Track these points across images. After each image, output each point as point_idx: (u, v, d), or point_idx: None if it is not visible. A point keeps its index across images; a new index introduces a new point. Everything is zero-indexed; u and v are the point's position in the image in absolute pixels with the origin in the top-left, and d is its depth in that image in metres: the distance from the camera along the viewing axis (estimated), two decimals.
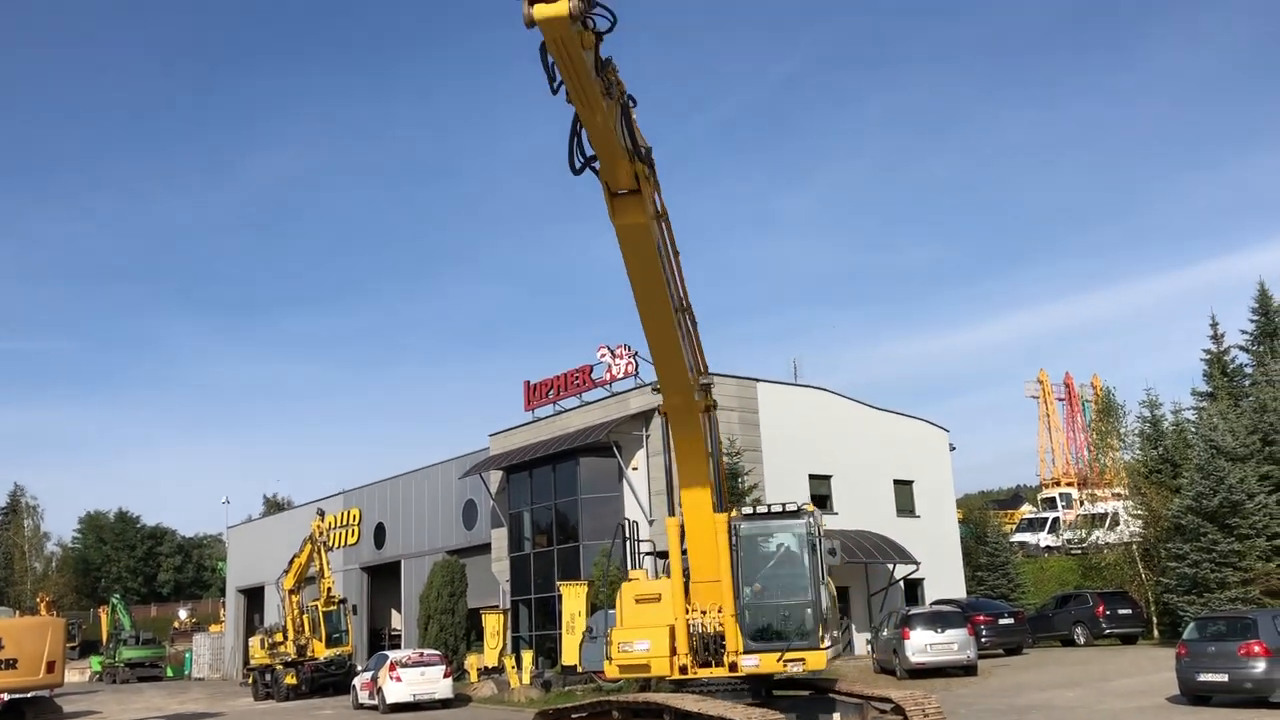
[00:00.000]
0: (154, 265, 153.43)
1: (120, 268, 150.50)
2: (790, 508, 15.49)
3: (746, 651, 14.49)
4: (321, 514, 40.79)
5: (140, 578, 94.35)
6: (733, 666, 14.36)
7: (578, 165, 9.76)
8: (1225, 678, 18.35)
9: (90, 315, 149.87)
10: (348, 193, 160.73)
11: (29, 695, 21.64)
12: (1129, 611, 33.55)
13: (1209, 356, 42.91)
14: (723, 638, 14.34)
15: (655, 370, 13.46)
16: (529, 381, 38.80)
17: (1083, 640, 33.44)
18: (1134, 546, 36.69)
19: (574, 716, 15.49)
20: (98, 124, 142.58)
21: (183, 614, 79.91)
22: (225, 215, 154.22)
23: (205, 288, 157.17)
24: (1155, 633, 33.75)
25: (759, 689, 14.91)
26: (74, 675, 56.78)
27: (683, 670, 14.37)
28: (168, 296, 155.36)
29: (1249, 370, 41.04)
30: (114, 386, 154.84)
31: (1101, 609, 33.25)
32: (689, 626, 14.48)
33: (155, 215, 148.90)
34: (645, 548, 21.65)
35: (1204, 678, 18.73)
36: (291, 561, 39.08)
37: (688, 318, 13.87)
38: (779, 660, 14.41)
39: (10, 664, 19.14)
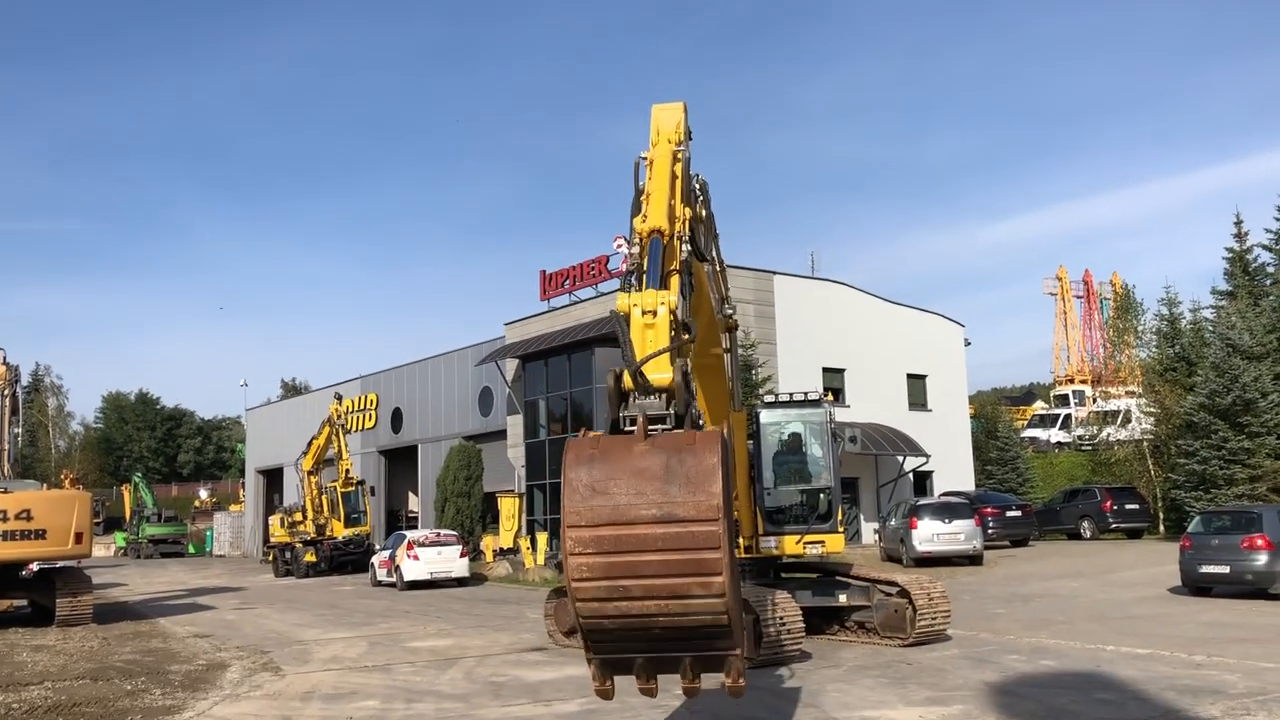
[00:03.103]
0: (171, 147, 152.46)
1: (136, 150, 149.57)
2: (812, 396, 15.65)
3: (766, 534, 14.77)
4: (339, 398, 41.26)
5: (161, 458, 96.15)
6: (749, 549, 14.66)
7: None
8: (1227, 569, 18.69)
9: (108, 199, 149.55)
10: (365, 77, 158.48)
11: (58, 565, 22.27)
12: (1136, 507, 33.93)
13: (1231, 255, 42.54)
14: (736, 521, 14.57)
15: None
16: (545, 271, 38.79)
17: (1089, 534, 33.90)
18: (1144, 443, 36.94)
19: None
20: (115, 3, 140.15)
21: (203, 494, 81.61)
22: (242, 97, 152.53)
23: (221, 172, 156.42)
24: (1161, 528, 34.19)
25: (767, 570, 15.26)
26: (99, 550, 58.06)
27: None
28: (185, 179, 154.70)
29: (1271, 269, 40.73)
30: (133, 269, 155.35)
31: (1109, 504, 33.63)
32: None
33: (172, 97, 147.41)
34: None
35: (1206, 569, 19.07)
36: (310, 443, 39.67)
37: (718, 265, 13.39)
38: (798, 543, 14.71)
39: (39, 534, 19.63)
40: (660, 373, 7.08)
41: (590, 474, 6.28)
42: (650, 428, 6.54)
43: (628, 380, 6.84)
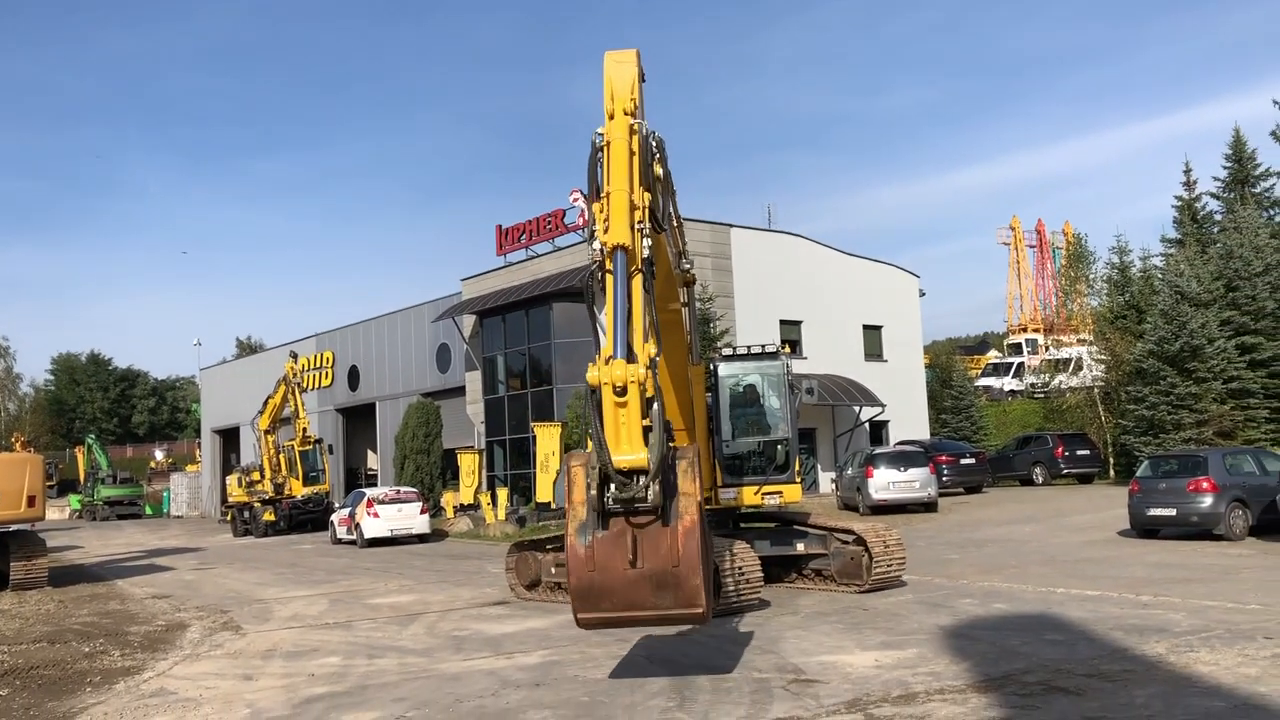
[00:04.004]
0: (119, 104, 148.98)
1: (83, 107, 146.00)
2: (769, 349, 15.73)
3: (724, 486, 14.86)
4: (295, 356, 40.87)
5: (115, 419, 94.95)
6: (708, 500, 14.73)
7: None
8: (1174, 512, 19.14)
9: (55, 157, 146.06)
10: (317, 31, 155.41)
11: (11, 529, 21.99)
12: (1087, 452, 34.52)
13: (1180, 203, 43.20)
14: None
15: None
16: (501, 226, 38.54)
17: (1041, 480, 34.47)
18: (1095, 390, 37.54)
19: (548, 548, 15.96)
20: None
21: (158, 454, 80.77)
22: (189, 52, 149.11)
23: (171, 128, 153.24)
24: (1111, 473, 34.85)
25: (726, 521, 15.39)
26: (54, 513, 57.67)
27: None
28: (134, 137, 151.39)
29: (1219, 217, 41.35)
30: (81, 228, 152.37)
31: (1060, 450, 34.19)
32: None
33: (118, 53, 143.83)
34: None
35: (1153, 512, 19.52)
36: (266, 402, 39.34)
37: (674, 221, 13.39)
38: (756, 493, 14.83)
39: None
40: (634, 455, 8.07)
41: (590, 586, 8.00)
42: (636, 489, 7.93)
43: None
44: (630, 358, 8.26)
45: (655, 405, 8.20)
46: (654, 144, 10.29)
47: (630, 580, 7.86)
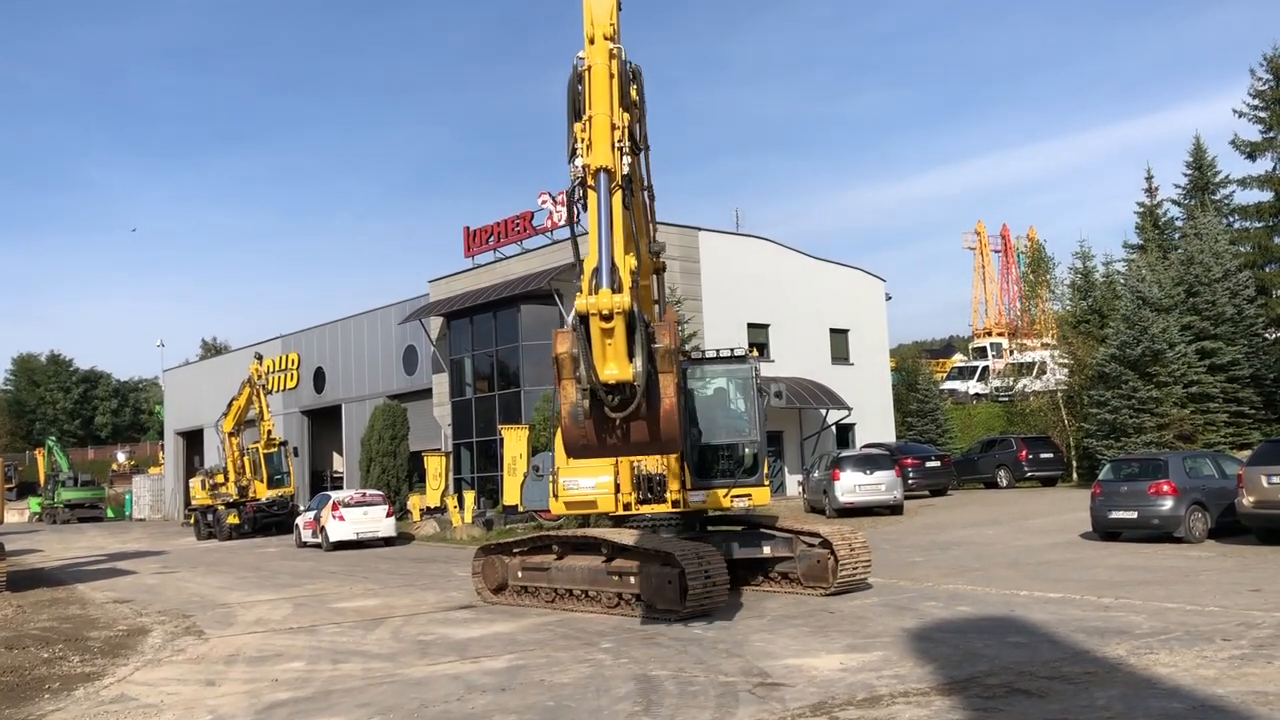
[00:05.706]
0: (78, 101, 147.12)
1: (41, 103, 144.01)
2: (738, 352, 15.77)
3: (693, 488, 14.86)
4: (259, 358, 40.50)
5: (77, 420, 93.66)
6: (676, 503, 14.73)
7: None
8: (1135, 515, 19.34)
9: (12, 153, 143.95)
10: (281, 26, 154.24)
11: None
12: (1050, 455, 34.81)
13: (1142, 209, 43.78)
14: (663, 476, 14.65)
15: None
16: (469, 227, 38.40)
17: (1005, 483, 34.74)
18: (1059, 394, 37.90)
19: (515, 551, 15.93)
20: None
21: (121, 456, 79.74)
22: (151, 47, 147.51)
23: (133, 125, 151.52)
24: (1074, 475, 35.16)
25: (693, 524, 15.41)
26: (13, 516, 56.75)
27: (626, 507, 14.73)
28: (95, 134, 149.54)
29: (1180, 223, 41.91)
30: (40, 226, 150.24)
31: (1024, 453, 34.46)
32: (632, 466, 14.72)
33: (79, 49, 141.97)
34: None
35: (1115, 515, 19.71)
36: (230, 404, 38.96)
37: (648, 195, 13.48)
38: (725, 496, 14.85)
39: None
40: (619, 371, 8.92)
41: (584, 449, 9.56)
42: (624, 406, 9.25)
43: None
44: (615, 285, 8.94)
45: (639, 325, 9.00)
46: (631, 70, 10.79)
47: (617, 446, 9.70)
